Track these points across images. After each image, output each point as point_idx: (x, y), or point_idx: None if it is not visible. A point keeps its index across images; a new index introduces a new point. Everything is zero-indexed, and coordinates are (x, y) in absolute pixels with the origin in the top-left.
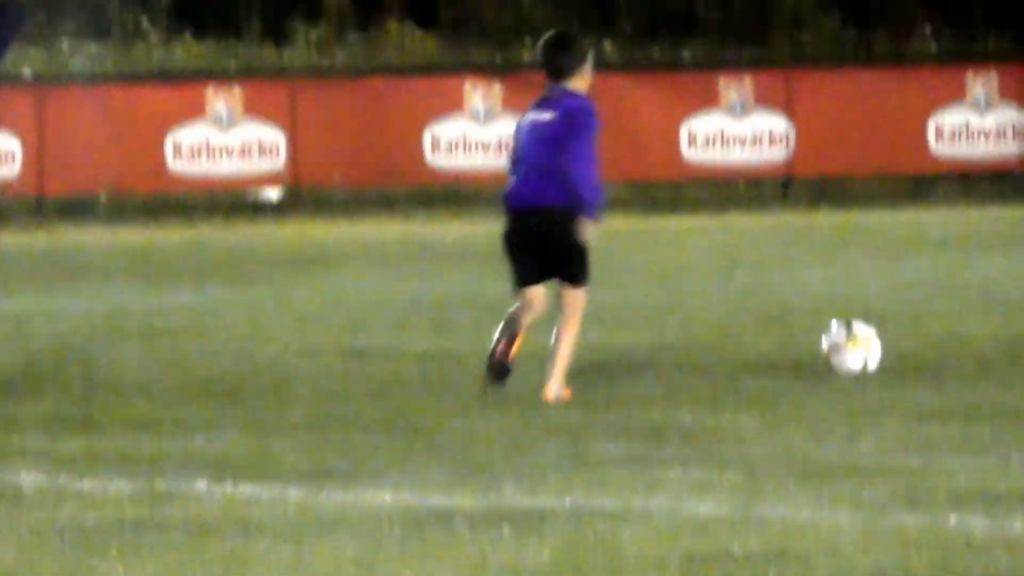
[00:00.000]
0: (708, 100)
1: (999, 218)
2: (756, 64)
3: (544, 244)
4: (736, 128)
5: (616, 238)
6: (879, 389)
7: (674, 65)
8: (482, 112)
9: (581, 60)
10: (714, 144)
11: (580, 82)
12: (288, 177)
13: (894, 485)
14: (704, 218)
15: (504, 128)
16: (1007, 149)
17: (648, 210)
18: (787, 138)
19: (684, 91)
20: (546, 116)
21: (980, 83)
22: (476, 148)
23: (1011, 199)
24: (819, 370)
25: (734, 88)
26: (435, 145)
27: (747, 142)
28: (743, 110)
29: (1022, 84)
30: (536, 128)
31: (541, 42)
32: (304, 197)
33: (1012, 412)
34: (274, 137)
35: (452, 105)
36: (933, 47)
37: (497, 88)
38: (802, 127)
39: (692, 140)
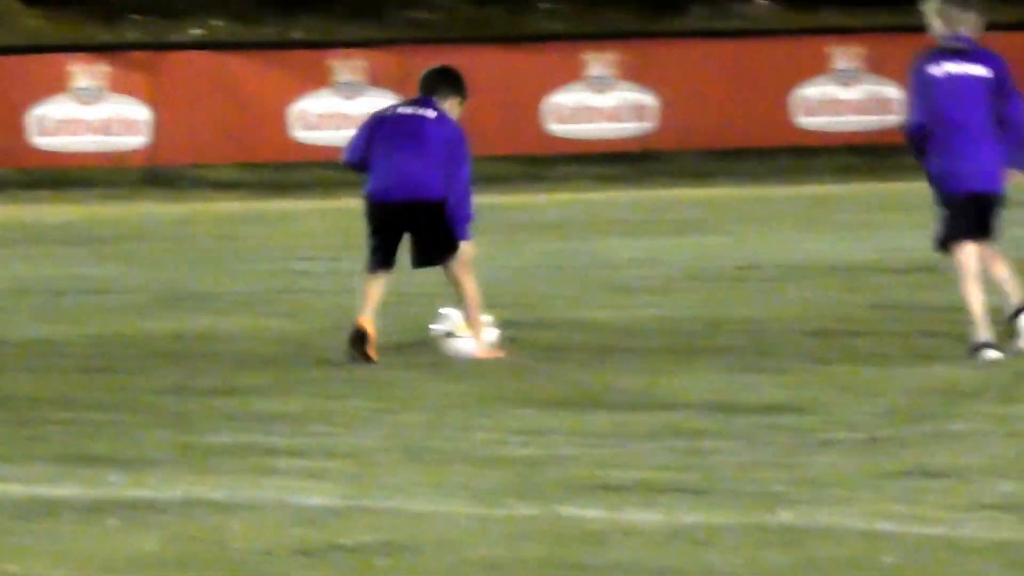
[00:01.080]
0: (319, 80)
1: (617, 200)
2: (370, 42)
3: (420, 230)
4: (347, 108)
5: (226, 221)
6: (495, 376)
7: (285, 43)
8: (88, 92)
9: (459, 94)
10: (325, 124)
11: (449, 111)
12: None
13: (508, 474)
14: (315, 200)
15: (111, 109)
16: (626, 129)
17: (259, 192)
18: None
19: (295, 70)
20: (430, 114)
21: (599, 62)
22: (82, 129)
23: (629, 180)
24: (434, 355)
25: (346, 67)
26: (40, 126)
27: (359, 122)
28: (355, 89)
29: (643, 62)
30: (414, 124)
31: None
32: None
33: (629, 401)
34: None
35: (57, 85)
36: (551, 25)
37: (103, 68)
38: None
39: (303, 120)
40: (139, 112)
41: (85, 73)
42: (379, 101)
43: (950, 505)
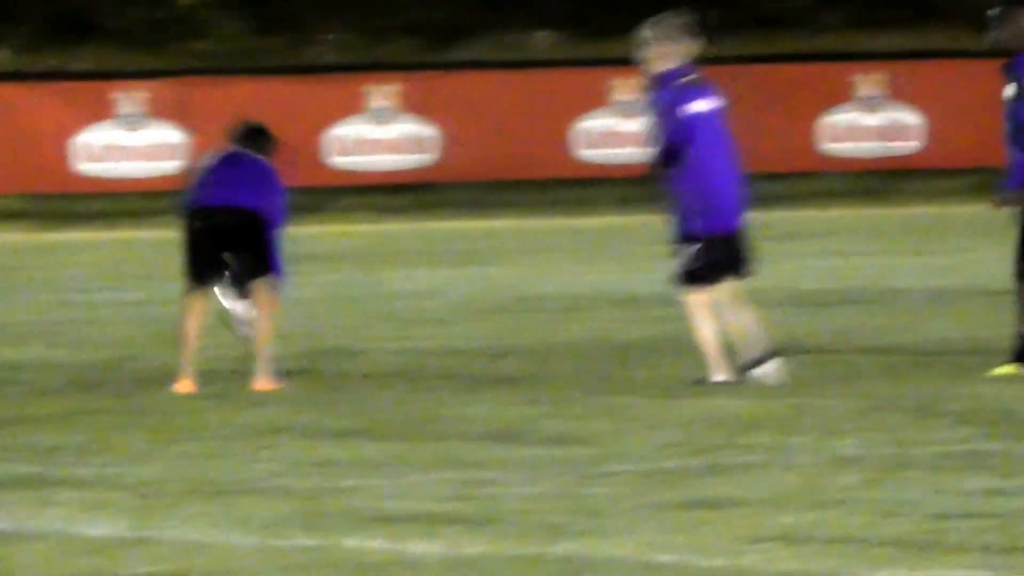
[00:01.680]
0: (101, 111)
1: (399, 232)
2: (151, 73)
3: (237, 240)
4: (130, 139)
5: (9, 251)
6: (277, 407)
7: (67, 74)
8: None
9: (270, 151)
10: (107, 156)
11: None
12: None
13: (290, 505)
14: (97, 231)
15: None
16: (407, 161)
17: (41, 222)
18: (183, 149)
19: (77, 101)
20: (248, 151)
21: (380, 94)
22: None
23: (411, 212)
24: (217, 386)
25: (128, 98)
26: None
27: (142, 154)
28: (137, 121)
29: (424, 94)
30: (233, 156)
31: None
32: None
33: (410, 431)
34: None
35: None
36: (333, 56)
37: None
38: (200, 138)
39: (86, 151)
40: None
41: None
42: (161, 132)
43: (731, 537)
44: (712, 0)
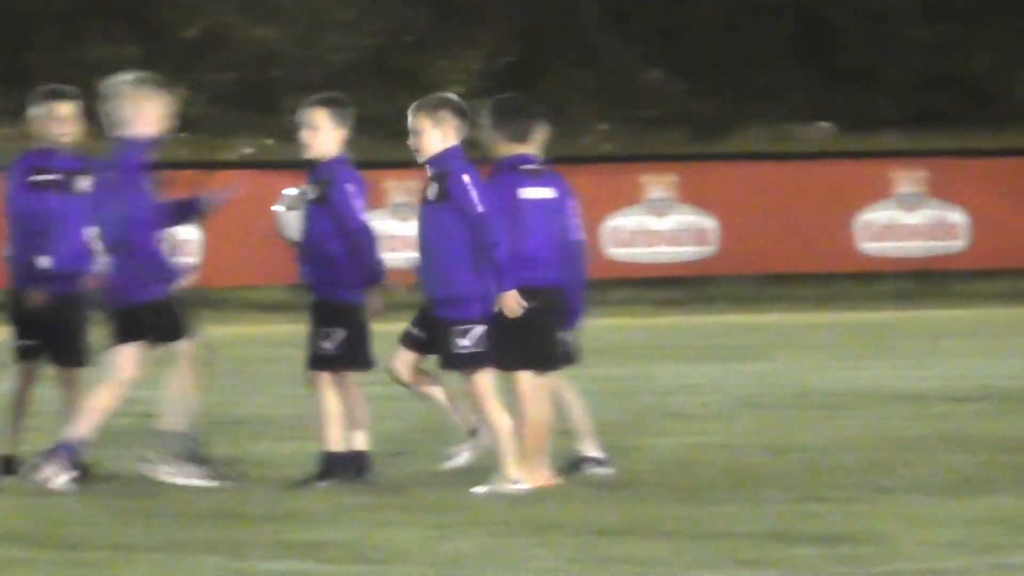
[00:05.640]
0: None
1: (675, 325)
2: None
3: None
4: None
5: (264, 344)
6: (552, 502)
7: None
8: None
9: None
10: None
11: None
12: None
13: None
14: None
15: None
16: (682, 254)
17: None
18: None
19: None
20: None
21: (657, 184)
22: None
23: (685, 306)
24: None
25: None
26: None
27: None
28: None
29: (703, 186)
30: None
31: None
32: None
33: (683, 529)
34: None
35: None
36: (606, 147)
37: None
38: None
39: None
40: None
41: None
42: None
43: None
44: None
